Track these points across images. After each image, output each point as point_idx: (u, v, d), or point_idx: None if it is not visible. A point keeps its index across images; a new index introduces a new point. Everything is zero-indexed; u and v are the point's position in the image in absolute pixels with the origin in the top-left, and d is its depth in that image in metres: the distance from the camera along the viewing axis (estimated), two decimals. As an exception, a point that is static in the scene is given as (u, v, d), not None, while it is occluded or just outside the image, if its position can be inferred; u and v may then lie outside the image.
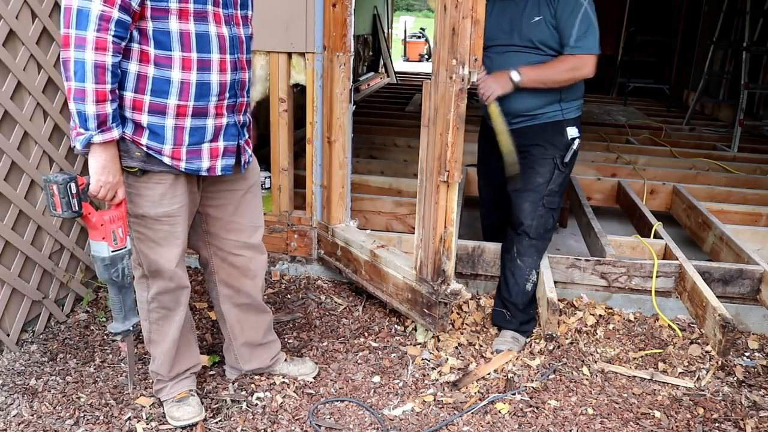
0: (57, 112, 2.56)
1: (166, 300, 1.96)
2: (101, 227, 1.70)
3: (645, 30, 8.41)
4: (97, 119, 1.58)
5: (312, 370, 2.35)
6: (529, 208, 2.54)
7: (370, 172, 4.06)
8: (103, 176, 1.65)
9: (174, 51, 1.66)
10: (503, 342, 2.56)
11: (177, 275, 1.93)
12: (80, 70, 1.54)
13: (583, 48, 2.34)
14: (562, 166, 2.50)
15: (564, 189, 2.60)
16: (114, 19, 1.54)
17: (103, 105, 1.58)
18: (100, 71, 1.55)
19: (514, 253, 2.63)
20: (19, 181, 2.38)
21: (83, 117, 1.58)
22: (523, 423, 2.13)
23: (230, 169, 1.88)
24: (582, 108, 2.57)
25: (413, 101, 6.97)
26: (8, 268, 2.35)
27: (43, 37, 2.46)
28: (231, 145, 1.86)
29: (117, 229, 1.73)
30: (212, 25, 1.71)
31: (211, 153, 1.82)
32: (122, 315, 1.85)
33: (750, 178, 4.28)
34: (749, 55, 5.67)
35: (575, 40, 2.34)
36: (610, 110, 7.03)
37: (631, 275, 2.80)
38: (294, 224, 3.12)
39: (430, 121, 2.25)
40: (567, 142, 2.49)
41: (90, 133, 1.59)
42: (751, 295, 2.76)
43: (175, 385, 2.09)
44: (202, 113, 1.76)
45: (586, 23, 2.33)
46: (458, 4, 2.05)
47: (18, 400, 2.15)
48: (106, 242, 1.72)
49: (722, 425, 2.16)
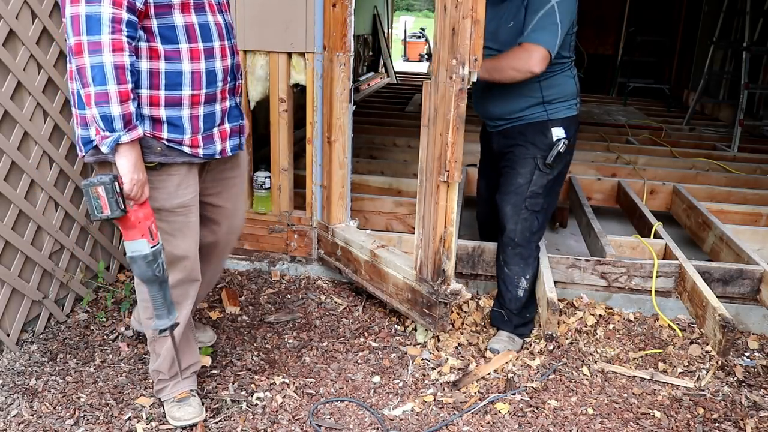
0: (57, 112, 2.56)
1: (177, 294, 1.97)
2: (139, 225, 1.71)
3: (645, 30, 8.41)
4: (123, 119, 1.62)
5: (211, 338, 2.49)
6: (510, 211, 2.48)
7: (370, 172, 4.06)
8: (135, 174, 1.68)
9: (181, 44, 1.73)
10: (498, 341, 2.57)
11: (191, 266, 1.97)
12: (99, 74, 1.57)
13: (532, 39, 2.21)
14: (544, 166, 2.41)
15: (551, 191, 2.50)
16: (124, 20, 1.58)
17: (127, 104, 1.62)
18: (120, 72, 1.59)
19: (501, 261, 2.59)
20: (19, 181, 2.38)
21: (109, 119, 1.60)
22: (523, 423, 2.13)
23: (237, 148, 1.97)
24: (575, 107, 2.47)
25: (413, 101, 6.97)
26: (8, 268, 2.35)
27: (43, 37, 2.46)
28: (235, 126, 1.96)
29: (151, 225, 1.74)
30: (209, 14, 1.79)
31: (221, 136, 1.90)
32: (166, 310, 1.82)
33: (750, 178, 4.28)
34: (749, 55, 5.67)
35: (529, 31, 2.22)
36: (610, 110, 7.02)
37: (631, 275, 2.80)
38: (294, 224, 3.12)
39: (430, 121, 2.25)
40: (550, 143, 2.40)
41: (118, 134, 1.62)
42: (751, 295, 2.76)
43: (176, 384, 2.09)
44: (212, 99, 1.83)
45: (546, 19, 2.21)
46: (458, 4, 2.05)
47: (18, 400, 2.15)
48: (145, 239, 1.71)
49: (722, 425, 2.16)
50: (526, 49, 2.23)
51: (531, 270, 2.58)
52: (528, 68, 2.23)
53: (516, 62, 2.25)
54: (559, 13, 2.22)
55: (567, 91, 2.44)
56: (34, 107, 2.44)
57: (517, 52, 2.26)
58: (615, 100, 8.09)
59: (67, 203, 2.64)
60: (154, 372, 2.10)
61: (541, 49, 2.21)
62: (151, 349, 2.09)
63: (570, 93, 2.46)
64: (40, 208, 2.49)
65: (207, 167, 1.98)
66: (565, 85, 2.44)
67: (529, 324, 2.65)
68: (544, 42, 2.21)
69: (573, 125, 2.47)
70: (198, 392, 2.16)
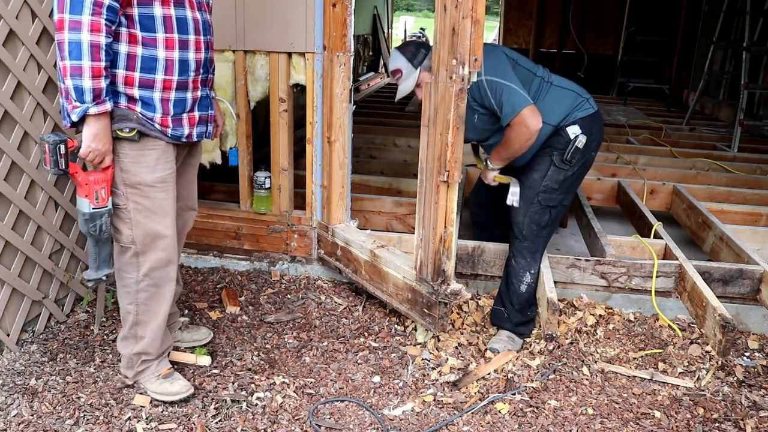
0: (57, 112, 2.56)
1: (158, 276, 2.09)
2: (86, 186, 1.92)
3: (645, 30, 8.41)
4: (93, 92, 1.78)
5: (205, 336, 2.52)
6: (522, 203, 2.53)
7: (370, 172, 4.06)
8: (93, 143, 1.85)
9: (158, 33, 1.89)
10: (498, 341, 2.57)
11: (172, 246, 2.08)
12: (76, 49, 1.73)
13: (510, 113, 2.33)
14: (561, 162, 2.47)
15: (568, 188, 2.54)
16: (105, 4, 1.74)
17: (98, 80, 1.78)
18: (95, 50, 1.75)
19: (509, 253, 2.64)
20: (19, 181, 2.38)
21: (80, 91, 1.77)
22: (523, 423, 2.13)
23: (202, 135, 2.13)
24: (588, 107, 2.50)
25: (413, 101, 6.95)
26: (8, 268, 2.35)
27: (43, 37, 2.46)
28: (204, 115, 2.11)
29: (100, 190, 1.94)
30: (188, 10, 1.96)
31: (189, 121, 2.05)
32: (96, 265, 2.05)
33: (750, 178, 4.28)
34: (749, 55, 5.67)
35: (503, 114, 2.36)
36: (610, 110, 7.03)
37: (631, 275, 2.80)
38: (294, 224, 3.12)
39: (430, 121, 2.25)
40: (566, 140, 2.46)
41: (86, 105, 1.79)
42: (751, 295, 2.76)
43: (160, 362, 2.20)
44: (183, 87, 1.99)
45: (501, 94, 2.34)
46: (458, 4, 2.05)
47: (18, 400, 2.15)
48: (89, 200, 1.93)
49: (722, 425, 2.16)
50: (518, 123, 2.34)
51: (537, 266, 2.61)
52: (533, 131, 2.35)
53: (521, 137, 2.37)
54: (500, 78, 2.34)
55: (566, 102, 2.49)
56: (34, 107, 2.44)
57: (514, 130, 2.36)
58: (615, 100, 8.10)
59: (67, 203, 2.64)
60: (135, 355, 2.16)
61: (524, 112, 2.32)
62: (131, 334, 2.14)
63: (569, 102, 2.49)
64: (40, 208, 2.49)
65: (177, 151, 2.09)
66: (561, 100, 2.48)
67: (530, 323, 2.65)
68: (519, 105, 2.33)
69: (593, 123, 2.50)
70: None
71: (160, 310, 2.13)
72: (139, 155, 1.95)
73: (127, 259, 2.06)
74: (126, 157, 1.94)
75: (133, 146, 1.94)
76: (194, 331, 2.52)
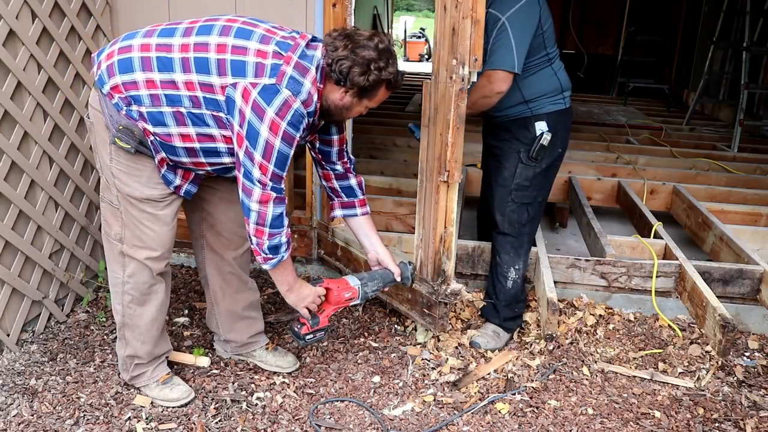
0: (57, 112, 2.56)
1: (141, 280, 2.04)
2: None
3: (645, 30, 8.40)
4: (288, 245, 1.97)
5: (291, 365, 2.38)
6: (497, 202, 2.54)
7: (370, 172, 4.06)
8: (298, 303, 2.11)
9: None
10: (482, 335, 2.58)
11: (158, 262, 2.03)
12: (278, 220, 1.89)
13: (489, 64, 2.29)
14: (528, 159, 2.46)
15: (540, 185, 2.52)
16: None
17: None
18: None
19: (493, 250, 2.65)
20: (19, 181, 2.38)
21: (277, 248, 1.94)
22: (523, 423, 2.13)
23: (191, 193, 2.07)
24: (563, 101, 2.48)
25: (413, 101, 6.96)
26: (8, 268, 2.35)
27: (43, 37, 2.46)
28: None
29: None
30: None
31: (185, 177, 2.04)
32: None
33: (750, 178, 4.28)
34: (749, 55, 5.66)
35: (487, 57, 2.30)
36: (610, 110, 7.02)
37: (631, 275, 2.80)
38: (294, 224, 3.12)
39: (430, 121, 2.25)
40: (533, 137, 2.44)
41: (281, 255, 1.95)
42: (751, 295, 2.76)
43: (156, 368, 2.17)
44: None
45: (498, 41, 2.30)
46: (458, 4, 2.05)
47: (18, 400, 2.15)
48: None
49: (722, 425, 2.16)
50: (487, 77, 2.32)
51: (521, 262, 2.59)
52: (494, 93, 2.33)
53: (483, 91, 2.36)
54: (511, 28, 2.27)
55: (549, 87, 2.46)
56: (34, 107, 2.44)
57: (481, 82, 2.34)
58: (615, 100, 8.09)
59: (67, 203, 2.64)
60: (128, 358, 2.13)
61: (498, 73, 2.29)
62: (120, 336, 2.12)
63: (553, 89, 2.47)
64: (40, 208, 2.49)
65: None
66: (547, 83, 2.45)
67: (518, 319, 2.66)
68: (501, 64, 2.29)
69: (560, 119, 2.48)
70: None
71: (144, 314, 2.08)
72: (133, 168, 1.91)
73: (115, 255, 2.03)
74: (119, 165, 1.90)
75: (128, 157, 1.89)
76: (280, 357, 2.39)
